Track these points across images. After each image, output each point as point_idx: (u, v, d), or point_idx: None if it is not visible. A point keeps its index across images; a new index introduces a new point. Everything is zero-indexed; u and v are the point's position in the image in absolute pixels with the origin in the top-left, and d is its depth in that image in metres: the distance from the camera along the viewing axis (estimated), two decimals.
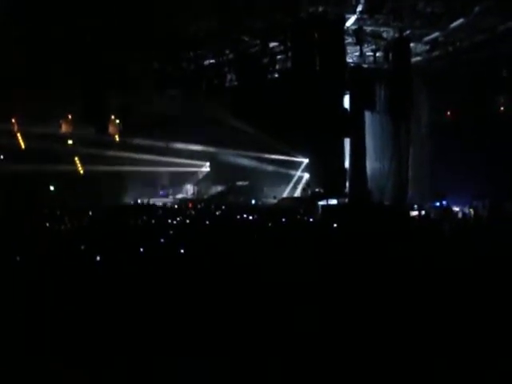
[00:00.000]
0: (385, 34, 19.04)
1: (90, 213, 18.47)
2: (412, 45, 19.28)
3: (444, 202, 18.75)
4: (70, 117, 25.35)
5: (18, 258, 8.82)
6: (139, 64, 21.56)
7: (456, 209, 18.31)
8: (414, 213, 18.10)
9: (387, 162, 21.17)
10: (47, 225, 14.88)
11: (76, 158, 24.88)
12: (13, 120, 23.61)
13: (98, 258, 8.90)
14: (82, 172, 24.99)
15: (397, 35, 18.69)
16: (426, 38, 19.25)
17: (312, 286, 6.97)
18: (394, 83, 19.48)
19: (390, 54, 19.28)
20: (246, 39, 20.08)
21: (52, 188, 24.09)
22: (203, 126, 25.09)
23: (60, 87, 20.77)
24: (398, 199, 20.35)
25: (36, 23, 16.81)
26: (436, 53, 19.88)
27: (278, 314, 5.97)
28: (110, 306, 6.30)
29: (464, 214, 17.76)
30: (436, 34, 18.82)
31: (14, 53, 18.18)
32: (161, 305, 6.29)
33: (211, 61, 22.09)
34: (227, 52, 21.52)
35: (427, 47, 19.81)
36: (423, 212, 18.08)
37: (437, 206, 18.74)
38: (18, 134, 23.79)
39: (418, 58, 20.44)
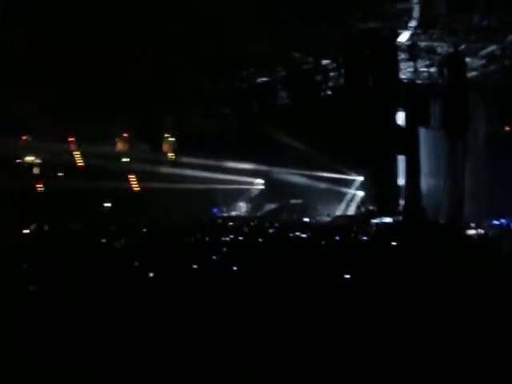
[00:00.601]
0: (439, 49, 18.78)
1: (145, 229, 18.73)
2: (467, 59, 18.95)
3: (503, 220, 18.20)
4: (125, 135, 25.98)
5: (73, 275, 8.99)
6: (193, 83, 21.91)
7: None
8: (471, 231, 17.56)
9: (443, 178, 20.79)
10: (103, 241, 15.15)
11: (131, 176, 25.32)
12: (70, 139, 24.31)
13: (151, 275, 8.99)
14: (136, 189, 25.41)
15: (451, 50, 18.42)
16: (482, 52, 18.90)
17: (367, 306, 6.86)
18: (450, 99, 19.18)
19: (445, 70, 19.02)
20: (298, 56, 20.17)
21: (108, 205, 24.57)
22: (256, 143, 25.20)
23: (115, 107, 21.30)
24: (453, 217, 19.88)
25: (90, 49, 17.34)
26: (492, 67, 19.49)
27: (335, 334, 5.89)
28: (162, 320, 6.35)
29: None
30: (492, 47, 18.47)
31: (71, 78, 18.80)
32: (213, 321, 6.29)
33: (263, 79, 22.25)
34: (279, 70, 21.65)
35: (483, 61, 19.44)
36: (481, 231, 17.55)
37: (495, 225, 18.18)
38: (76, 153, 24.46)
39: (474, 73, 20.06)
